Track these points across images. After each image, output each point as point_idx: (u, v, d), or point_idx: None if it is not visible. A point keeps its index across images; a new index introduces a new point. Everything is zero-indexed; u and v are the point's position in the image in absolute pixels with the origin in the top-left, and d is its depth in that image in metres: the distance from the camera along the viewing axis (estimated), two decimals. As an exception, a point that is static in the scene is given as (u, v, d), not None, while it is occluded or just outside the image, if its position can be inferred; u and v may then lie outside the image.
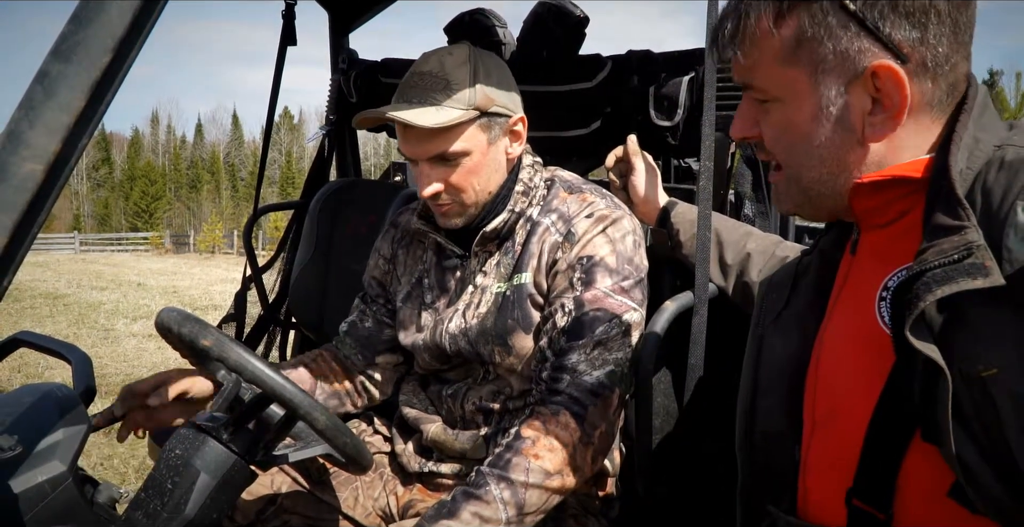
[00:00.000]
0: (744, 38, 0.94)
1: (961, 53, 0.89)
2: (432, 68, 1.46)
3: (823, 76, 0.91)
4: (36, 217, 0.81)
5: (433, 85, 1.44)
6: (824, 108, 0.92)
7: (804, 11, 0.89)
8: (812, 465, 1.02)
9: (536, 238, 1.53)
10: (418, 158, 1.49)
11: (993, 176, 0.84)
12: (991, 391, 0.77)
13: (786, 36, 0.91)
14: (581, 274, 1.46)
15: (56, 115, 0.79)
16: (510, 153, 1.54)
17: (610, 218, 1.51)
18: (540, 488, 1.32)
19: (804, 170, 0.97)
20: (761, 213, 1.88)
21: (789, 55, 0.92)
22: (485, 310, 1.55)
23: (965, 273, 0.78)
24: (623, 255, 1.49)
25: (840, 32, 0.88)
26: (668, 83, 1.93)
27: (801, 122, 0.94)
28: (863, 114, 0.91)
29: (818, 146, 0.94)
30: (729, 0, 0.97)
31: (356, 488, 1.66)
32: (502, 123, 1.51)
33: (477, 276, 1.59)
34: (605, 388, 1.41)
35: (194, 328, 1.26)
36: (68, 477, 1.04)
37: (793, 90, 0.93)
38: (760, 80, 0.96)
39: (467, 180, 1.50)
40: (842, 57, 0.89)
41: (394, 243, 1.76)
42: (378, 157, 66.49)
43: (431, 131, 1.43)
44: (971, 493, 0.81)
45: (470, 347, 1.56)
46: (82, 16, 0.80)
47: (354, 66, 2.65)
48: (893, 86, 0.88)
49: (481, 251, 1.59)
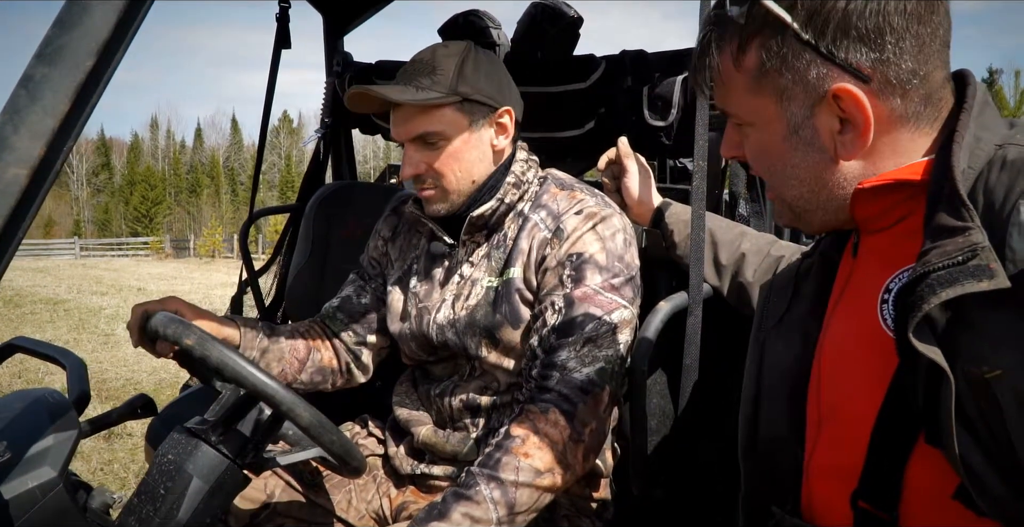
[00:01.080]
0: (711, 73, 0.98)
1: (932, 63, 0.89)
2: (424, 57, 1.53)
3: (788, 103, 0.93)
4: (21, 222, 0.80)
5: (421, 70, 1.51)
6: (794, 131, 0.95)
7: (760, 45, 0.92)
8: (816, 468, 1.02)
9: (526, 233, 1.54)
10: (402, 139, 1.54)
11: (995, 175, 0.84)
12: (995, 393, 0.77)
13: (748, 69, 0.94)
14: (571, 271, 1.47)
15: (41, 119, 0.78)
16: (496, 145, 1.57)
17: (599, 215, 1.51)
18: (530, 487, 1.31)
19: (786, 188, 1.00)
20: (756, 213, 1.88)
21: (754, 85, 0.94)
22: (475, 303, 1.55)
23: (970, 275, 0.77)
24: (613, 252, 1.49)
25: (797, 61, 0.90)
26: (662, 83, 1.93)
27: (775, 145, 0.97)
28: (832, 134, 0.93)
29: (793, 166, 0.97)
30: (700, 33, 1.01)
31: (349, 491, 1.66)
32: (485, 112, 1.54)
33: (464, 266, 1.60)
34: (595, 385, 1.40)
35: (177, 329, 1.26)
36: (59, 483, 1.04)
37: (763, 116, 0.96)
38: (733, 108, 1.00)
39: (447, 165, 1.53)
40: (803, 84, 0.91)
41: (394, 228, 1.78)
42: (377, 160, 66.55)
43: (413, 111, 1.50)
44: (976, 495, 0.81)
45: (457, 339, 1.56)
46: (66, 19, 0.80)
47: (348, 68, 2.65)
48: (855, 107, 0.89)
49: (469, 240, 1.60)
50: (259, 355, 1.62)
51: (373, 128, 2.66)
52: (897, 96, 0.90)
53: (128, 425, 4.20)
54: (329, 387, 1.76)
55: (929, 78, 0.90)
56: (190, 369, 1.47)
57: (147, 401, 1.59)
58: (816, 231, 1.06)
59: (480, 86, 1.51)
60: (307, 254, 2.56)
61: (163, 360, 6.43)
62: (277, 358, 1.65)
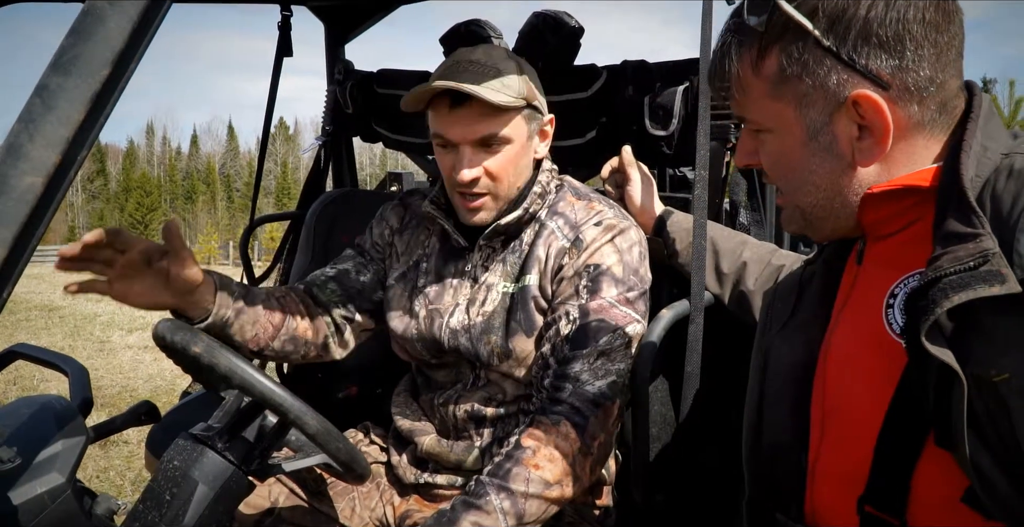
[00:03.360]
0: (731, 79, 0.99)
1: (948, 71, 0.91)
2: (480, 57, 1.48)
3: (807, 108, 0.94)
4: (35, 230, 0.81)
5: (485, 72, 1.46)
6: (812, 137, 0.96)
7: (782, 51, 0.93)
8: (821, 473, 1.02)
9: (542, 240, 1.53)
10: (463, 140, 1.48)
11: (1003, 183, 0.86)
12: (1003, 395, 0.78)
13: (768, 75, 0.95)
14: (587, 282, 1.47)
15: (55, 128, 0.79)
16: (537, 153, 1.58)
17: (618, 227, 1.52)
18: (540, 498, 1.32)
19: (801, 195, 1.01)
20: (756, 222, 1.89)
21: (774, 91, 0.96)
22: (491, 309, 1.54)
23: (982, 280, 0.79)
24: (630, 266, 1.50)
25: (817, 67, 0.91)
26: (663, 93, 1.93)
27: (793, 151, 0.98)
28: (851, 140, 0.94)
29: (811, 172, 0.98)
30: (718, 40, 1.01)
31: (353, 498, 1.66)
32: (539, 120, 1.55)
33: (479, 271, 1.58)
34: (606, 399, 1.41)
35: (185, 336, 1.27)
36: (67, 488, 1.05)
37: (782, 122, 0.97)
38: (752, 113, 1.00)
39: (505, 170, 1.51)
40: (823, 90, 0.92)
41: (402, 219, 1.73)
42: (373, 167, 66.52)
43: (484, 112, 1.45)
44: (984, 498, 0.82)
45: (470, 344, 1.54)
46: (81, 30, 0.81)
47: (350, 77, 2.66)
48: (874, 113, 0.91)
49: (486, 245, 1.58)
50: (233, 315, 1.48)
51: (374, 136, 2.67)
52: (915, 103, 0.91)
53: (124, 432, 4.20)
54: (299, 358, 1.64)
55: (945, 86, 0.92)
56: (194, 374, 1.47)
57: (151, 408, 1.60)
58: (825, 239, 1.08)
59: (535, 92, 1.52)
60: (308, 261, 2.57)
61: (160, 367, 6.35)
62: (251, 321, 1.52)
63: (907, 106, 0.91)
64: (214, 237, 37.97)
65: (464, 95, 1.43)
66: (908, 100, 0.91)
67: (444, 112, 1.47)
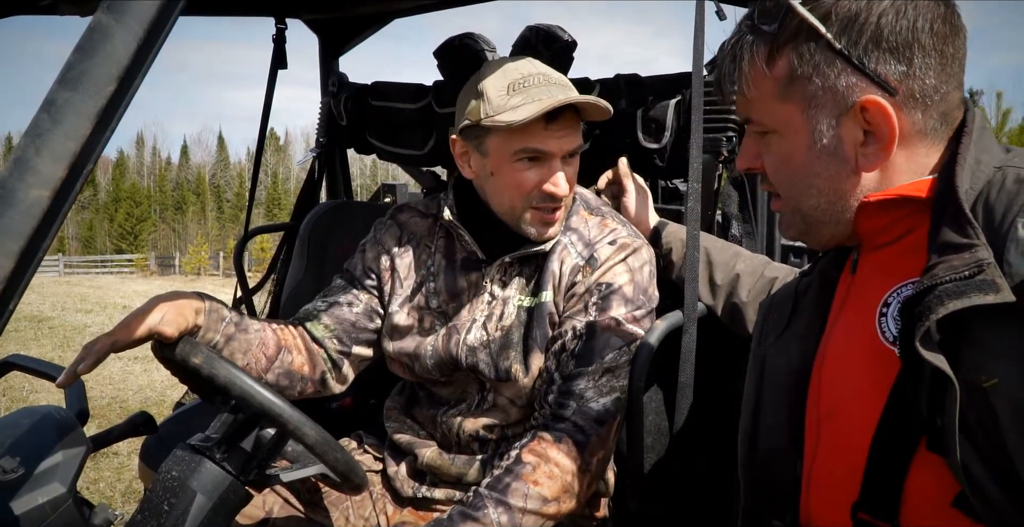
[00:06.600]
0: (740, 77, 1.00)
1: (951, 83, 0.94)
2: (542, 70, 1.48)
3: (815, 111, 0.96)
4: (41, 242, 0.82)
5: (562, 83, 1.47)
6: (818, 140, 0.97)
7: (793, 51, 0.95)
8: (815, 480, 1.04)
9: (556, 255, 1.53)
10: (558, 152, 1.46)
11: (995, 195, 0.88)
12: (992, 401, 0.80)
13: (778, 75, 0.97)
14: (597, 299, 1.48)
15: (62, 142, 0.80)
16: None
17: (632, 247, 1.53)
18: (536, 514, 1.33)
19: (803, 198, 1.02)
20: (748, 233, 1.91)
21: (783, 91, 0.97)
22: (509, 323, 1.53)
23: (977, 289, 0.81)
24: (640, 285, 1.51)
25: (828, 70, 0.93)
26: (656, 106, 1.96)
27: (797, 154, 0.99)
28: (855, 145, 0.96)
29: (814, 176, 0.99)
30: (727, 40, 1.03)
31: (347, 508, 1.66)
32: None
33: (495, 285, 1.57)
34: (609, 416, 1.43)
35: (184, 348, 1.28)
36: (68, 499, 1.05)
37: (788, 124, 0.99)
38: (758, 114, 1.02)
39: (575, 183, 1.54)
40: (832, 93, 0.94)
41: (398, 239, 1.67)
42: (364, 178, 66.50)
43: (575, 125, 1.47)
44: (975, 502, 0.84)
45: (489, 360, 1.52)
46: (87, 46, 0.82)
47: (344, 89, 2.67)
48: (882, 119, 0.93)
49: (511, 260, 1.55)
50: (223, 342, 1.47)
51: (368, 148, 2.69)
52: (919, 111, 0.94)
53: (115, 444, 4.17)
54: (296, 394, 1.61)
55: (948, 97, 0.94)
56: (192, 385, 1.48)
57: (147, 418, 1.60)
58: (823, 245, 1.09)
59: None
60: (302, 273, 2.58)
61: (150, 378, 6.31)
62: (243, 350, 1.51)
63: (912, 113, 0.94)
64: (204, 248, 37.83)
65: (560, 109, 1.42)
66: (913, 107, 0.93)
67: (540, 127, 1.43)
